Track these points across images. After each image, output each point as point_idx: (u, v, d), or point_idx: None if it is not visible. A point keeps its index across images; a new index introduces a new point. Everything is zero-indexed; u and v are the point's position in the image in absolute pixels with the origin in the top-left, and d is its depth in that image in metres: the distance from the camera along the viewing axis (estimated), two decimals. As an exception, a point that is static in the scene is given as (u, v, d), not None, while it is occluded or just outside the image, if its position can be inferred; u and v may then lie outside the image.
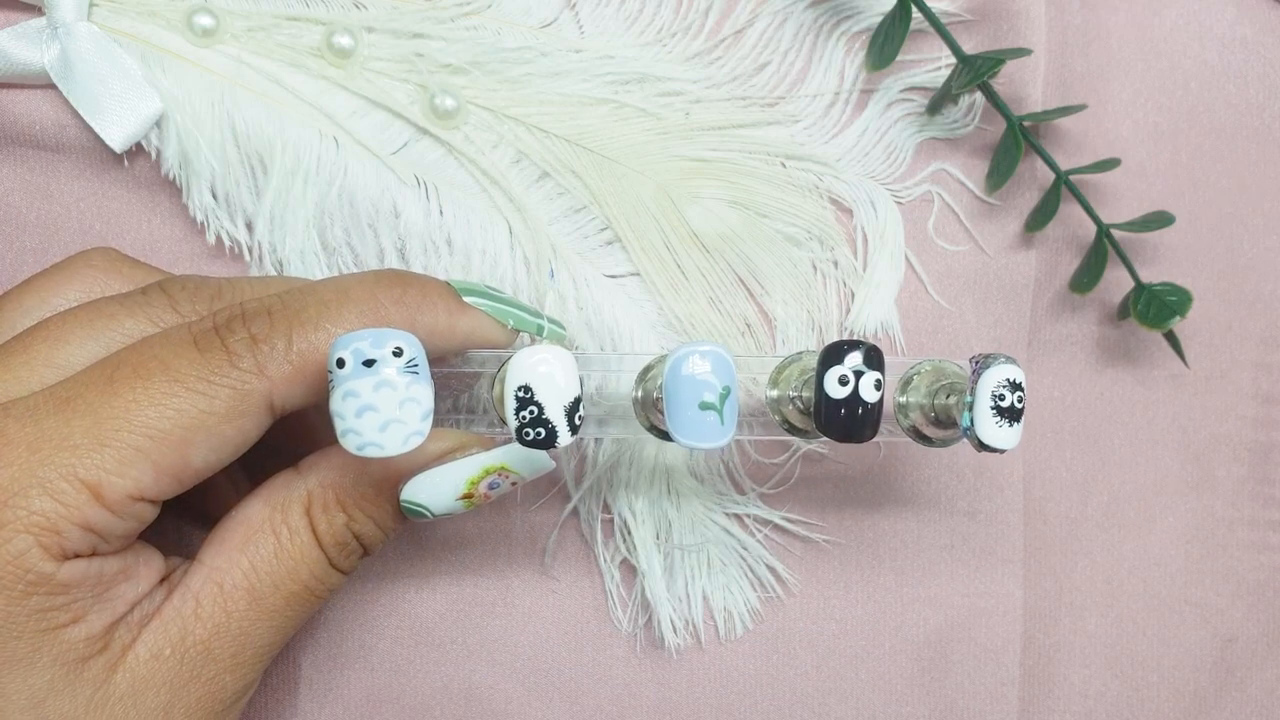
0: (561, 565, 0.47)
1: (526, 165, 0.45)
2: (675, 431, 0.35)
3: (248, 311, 0.34)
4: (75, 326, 0.34)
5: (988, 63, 0.42)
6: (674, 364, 0.35)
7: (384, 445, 0.31)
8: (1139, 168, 0.47)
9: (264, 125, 0.43)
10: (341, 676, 0.46)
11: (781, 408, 0.39)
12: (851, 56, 0.46)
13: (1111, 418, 0.48)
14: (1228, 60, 0.48)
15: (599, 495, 0.46)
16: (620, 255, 0.45)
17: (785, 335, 0.46)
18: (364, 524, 0.36)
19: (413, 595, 0.46)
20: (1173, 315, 0.44)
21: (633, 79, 0.45)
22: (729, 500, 0.46)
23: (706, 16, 0.45)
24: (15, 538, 0.31)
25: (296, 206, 0.43)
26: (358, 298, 0.34)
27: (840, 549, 0.47)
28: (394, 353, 0.31)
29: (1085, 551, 0.48)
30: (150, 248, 0.44)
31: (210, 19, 0.43)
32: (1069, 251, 0.47)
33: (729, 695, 0.47)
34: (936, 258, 0.47)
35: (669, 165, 0.45)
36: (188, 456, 0.32)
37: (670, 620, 0.46)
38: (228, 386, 0.33)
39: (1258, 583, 0.49)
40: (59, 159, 0.44)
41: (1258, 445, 0.49)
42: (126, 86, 0.42)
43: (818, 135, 0.46)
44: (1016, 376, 0.36)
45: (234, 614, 0.34)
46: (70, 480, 0.31)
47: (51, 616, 0.32)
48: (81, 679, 0.32)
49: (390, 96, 0.44)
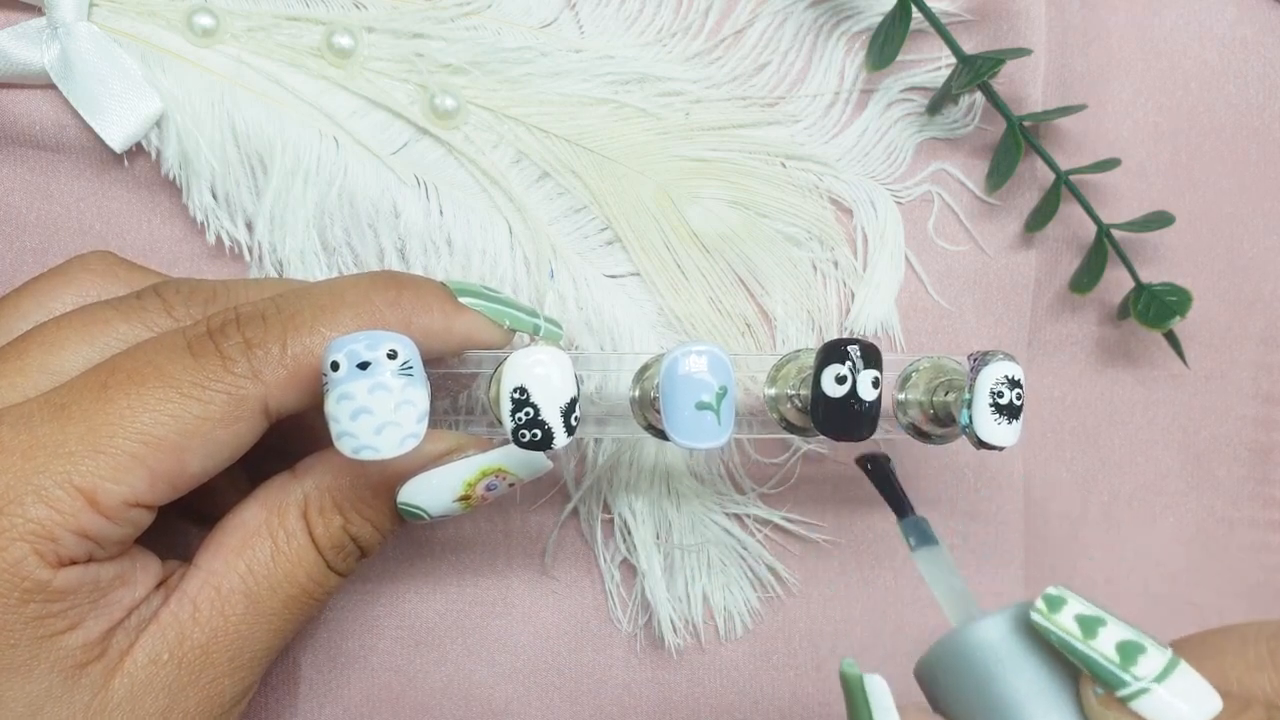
0: (561, 565, 0.47)
1: (526, 165, 0.45)
2: (672, 431, 0.35)
3: (242, 316, 0.34)
4: (70, 332, 0.34)
5: (988, 63, 0.42)
6: (670, 364, 0.35)
7: (380, 448, 0.31)
8: (1139, 168, 0.47)
9: (264, 125, 0.43)
10: (341, 677, 0.46)
11: (780, 406, 0.39)
12: (851, 56, 0.46)
13: (1111, 418, 0.48)
14: (1228, 60, 0.48)
15: (599, 495, 0.46)
16: (620, 255, 0.45)
17: (785, 335, 0.46)
18: (361, 526, 0.36)
19: (413, 596, 0.46)
20: (1173, 315, 0.44)
21: (633, 79, 0.45)
22: (729, 500, 0.46)
23: (706, 16, 0.45)
24: (11, 545, 0.31)
25: (296, 206, 0.43)
26: (352, 300, 0.34)
27: (840, 549, 0.47)
28: (389, 355, 0.31)
29: (1085, 551, 0.48)
30: (150, 248, 0.44)
31: (210, 19, 0.43)
32: (1069, 251, 0.47)
33: (729, 695, 0.47)
34: (936, 258, 0.46)
35: (669, 165, 0.45)
36: (183, 462, 0.32)
37: (670, 620, 0.46)
38: (223, 391, 0.33)
39: (1258, 583, 0.49)
40: (59, 159, 0.44)
41: (1258, 445, 0.49)
42: (126, 86, 0.42)
43: (818, 135, 0.46)
44: (1015, 374, 0.36)
45: (231, 618, 0.34)
46: (66, 487, 0.31)
47: (48, 624, 0.32)
48: (79, 685, 0.32)
49: (390, 96, 0.44)
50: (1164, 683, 0.29)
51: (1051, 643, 0.30)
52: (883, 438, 0.39)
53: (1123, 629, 0.29)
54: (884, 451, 0.39)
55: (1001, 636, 0.31)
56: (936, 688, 0.32)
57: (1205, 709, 0.28)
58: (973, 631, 0.31)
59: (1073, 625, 0.30)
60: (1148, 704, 0.28)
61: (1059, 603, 0.30)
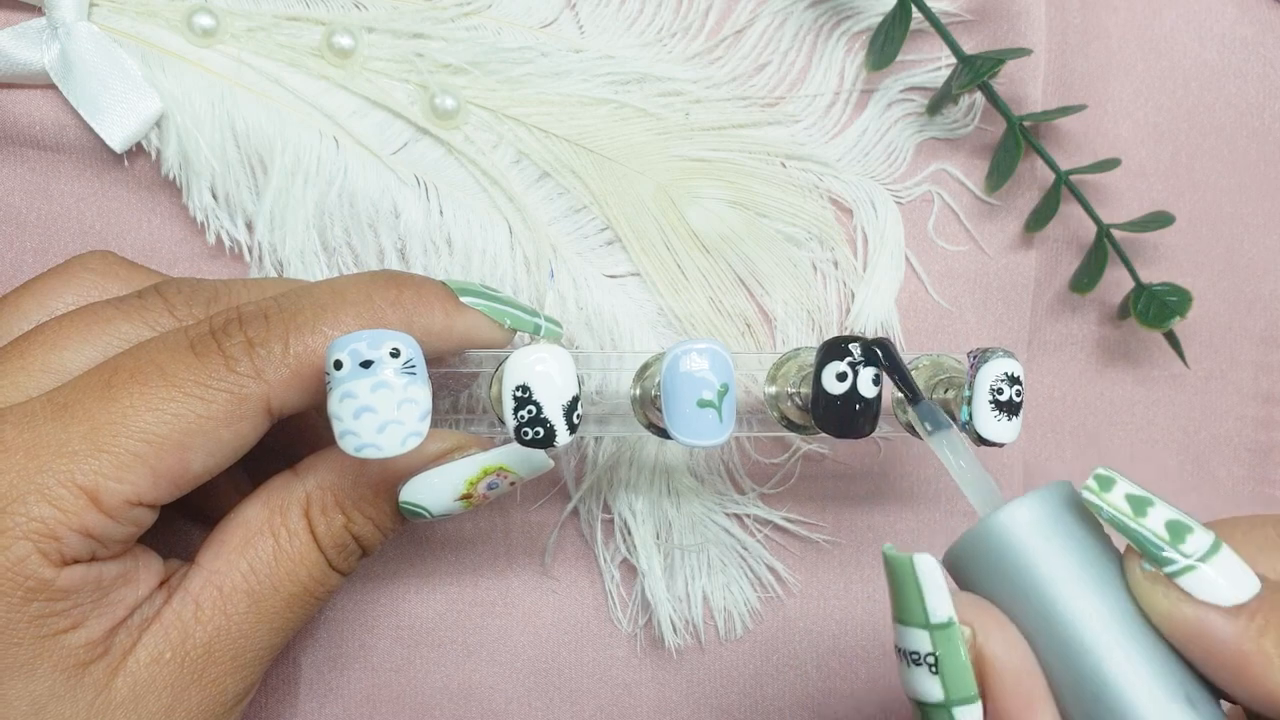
0: (561, 565, 0.47)
1: (526, 165, 0.45)
2: (673, 429, 0.35)
3: (244, 315, 0.34)
4: (72, 331, 0.34)
5: (988, 63, 0.42)
6: (672, 361, 0.35)
7: (382, 446, 0.31)
8: (1139, 168, 0.47)
9: (264, 125, 0.43)
10: (341, 677, 0.46)
11: (780, 404, 0.39)
12: (851, 56, 0.46)
13: (1111, 418, 0.48)
14: (1228, 60, 0.48)
15: (599, 495, 0.46)
16: (620, 255, 0.45)
17: (785, 335, 0.46)
18: (363, 525, 0.36)
19: (412, 595, 0.46)
20: (1173, 315, 0.44)
21: (633, 79, 0.45)
22: (729, 500, 0.46)
23: (706, 16, 0.45)
24: (14, 544, 0.31)
25: (296, 206, 0.43)
26: (354, 300, 0.34)
27: (840, 549, 0.47)
28: (391, 354, 0.31)
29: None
30: (150, 248, 0.44)
31: (210, 19, 0.43)
32: (1069, 251, 0.47)
33: (729, 695, 0.47)
34: (936, 258, 0.46)
35: (669, 165, 0.45)
36: (186, 461, 0.32)
37: (670, 620, 0.46)
38: (225, 391, 0.33)
39: (1258, 583, 0.49)
40: (59, 159, 0.44)
41: (1258, 445, 0.49)
42: (126, 86, 0.42)
43: (818, 135, 0.46)
44: (1014, 370, 0.36)
45: (234, 617, 0.34)
46: (69, 486, 0.31)
47: (51, 622, 0.32)
48: (82, 684, 0.32)
49: (390, 96, 0.44)
50: (1209, 561, 0.29)
51: (1103, 520, 0.30)
52: (882, 435, 0.39)
53: (1170, 510, 0.30)
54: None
55: (1037, 519, 0.31)
56: (970, 575, 0.32)
57: (1246, 588, 0.29)
58: (1006, 515, 0.31)
59: (1123, 503, 0.30)
60: (1193, 580, 0.29)
61: (1109, 482, 0.31)
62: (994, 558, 0.31)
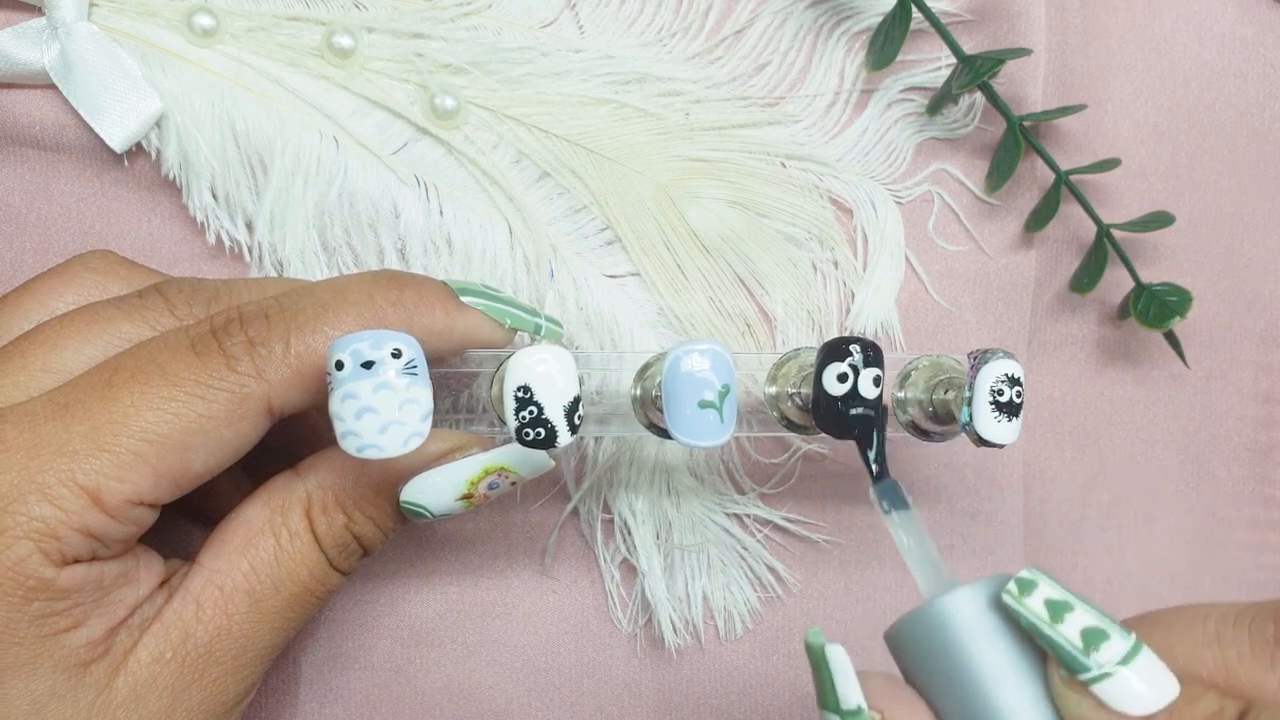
0: (561, 565, 0.47)
1: (526, 165, 0.45)
2: (674, 429, 0.35)
3: (245, 315, 0.34)
4: (72, 331, 0.34)
5: (988, 63, 0.42)
6: (673, 362, 0.35)
7: (384, 446, 0.31)
8: (1139, 168, 0.47)
9: (264, 125, 0.43)
10: (341, 677, 0.46)
11: (780, 404, 0.39)
12: (851, 56, 0.46)
13: (1111, 418, 0.48)
14: (1228, 60, 0.48)
15: (599, 495, 0.46)
16: (620, 255, 0.45)
17: (785, 335, 0.46)
18: (363, 525, 0.36)
19: (412, 596, 0.46)
20: (1173, 315, 0.44)
21: (633, 79, 0.45)
22: (729, 500, 0.46)
23: (706, 16, 0.45)
24: (15, 544, 0.31)
25: (296, 206, 0.43)
26: (355, 299, 0.35)
27: (840, 549, 0.47)
28: (392, 354, 0.31)
29: (1085, 551, 0.48)
30: (150, 248, 0.44)
31: (210, 19, 0.43)
32: (1069, 251, 0.47)
33: (729, 695, 0.47)
34: (936, 258, 0.46)
35: (669, 165, 0.45)
36: (186, 461, 0.32)
37: (670, 620, 0.46)
38: (225, 390, 0.33)
39: (1258, 583, 0.49)
40: (59, 159, 0.44)
41: (1258, 445, 0.49)
42: (126, 86, 0.42)
43: (818, 135, 0.46)
44: (1015, 371, 0.36)
45: (235, 616, 0.34)
46: (69, 486, 0.31)
47: (52, 622, 0.32)
48: (83, 684, 0.32)
49: (390, 96, 0.44)
50: (1129, 664, 0.29)
51: (1021, 625, 0.31)
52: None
53: (1089, 615, 0.30)
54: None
55: (974, 610, 0.31)
56: (907, 657, 0.33)
57: (1164, 694, 0.29)
58: (945, 603, 0.32)
59: (1041, 609, 0.30)
60: (1108, 688, 0.29)
61: (1030, 586, 0.31)
62: (932, 641, 0.32)
